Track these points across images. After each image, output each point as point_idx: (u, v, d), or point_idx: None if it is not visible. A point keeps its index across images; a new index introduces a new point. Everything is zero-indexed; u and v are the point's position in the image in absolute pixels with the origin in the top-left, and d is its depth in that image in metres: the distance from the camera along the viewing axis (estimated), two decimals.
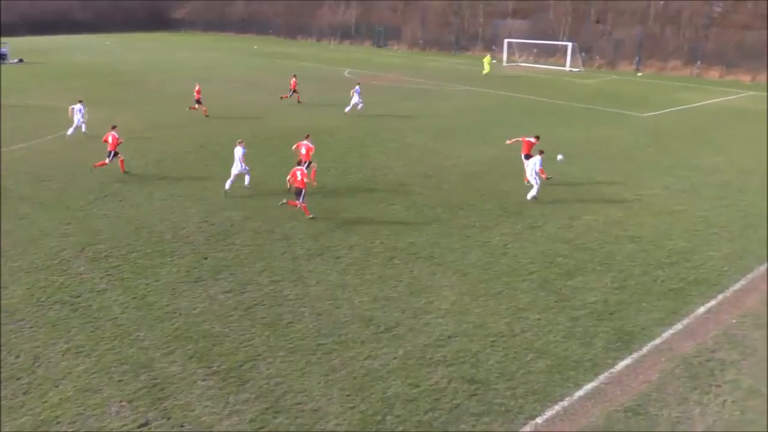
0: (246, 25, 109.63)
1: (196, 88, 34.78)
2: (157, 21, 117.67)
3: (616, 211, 19.55)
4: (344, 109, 34.70)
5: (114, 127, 22.95)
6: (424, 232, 17.55)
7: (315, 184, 20.40)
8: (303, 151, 21.31)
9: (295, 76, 40.40)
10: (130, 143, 27.92)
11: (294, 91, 39.01)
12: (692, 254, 16.35)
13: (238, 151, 20.68)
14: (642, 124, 33.94)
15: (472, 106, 39.00)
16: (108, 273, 14.76)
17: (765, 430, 9.78)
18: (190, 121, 32.85)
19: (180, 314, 12.91)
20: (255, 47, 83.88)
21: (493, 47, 72.94)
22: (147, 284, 14.23)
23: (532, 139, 22.12)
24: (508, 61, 66.20)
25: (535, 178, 20.36)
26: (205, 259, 15.56)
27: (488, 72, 55.95)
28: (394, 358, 11.39)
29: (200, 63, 62.49)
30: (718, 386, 10.80)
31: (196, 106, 34.22)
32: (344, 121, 33.16)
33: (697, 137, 30.95)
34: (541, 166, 20.21)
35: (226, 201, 20.01)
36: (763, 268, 15.62)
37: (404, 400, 10.29)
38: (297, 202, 18.30)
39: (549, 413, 10.05)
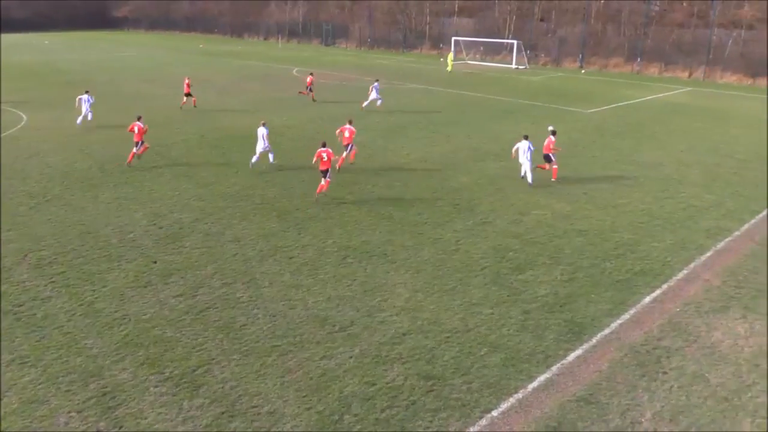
0: (191, 24, 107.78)
1: (186, 81, 35.81)
2: (99, 20, 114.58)
3: (564, 206, 19.94)
4: (361, 104, 35.31)
5: (139, 118, 24.01)
6: (376, 231, 17.56)
7: (353, 161, 23.55)
8: (346, 134, 23.35)
9: (312, 74, 40.61)
10: (73, 143, 27.10)
11: (310, 89, 39.10)
12: (637, 246, 16.80)
13: (262, 131, 23.04)
14: (586, 120, 34.74)
15: (422, 103, 39.25)
16: (52, 280, 14.29)
17: (709, 413, 10.13)
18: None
19: (129, 320, 12.59)
20: (201, 46, 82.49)
21: (441, 45, 73.69)
22: (94, 290, 13.83)
23: (552, 138, 22.59)
24: (455, 59, 66.89)
25: (528, 162, 21.77)
26: (154, 263, 15.22)
27: (451, 70, 56.72)
28: (350, 357, 11.36)
29: (145, 62, 61.10)
30: (665, 373, 11.14)
31: (185, 99, 35.52)
32: (294, 120, 32.94)
33: (639, 132, 31.85)
34: (532, 148, 21.77)
35: (174, 203, 19.64)
36: (704, 257, 16.18)
37: (361, 398, 10.28)
38: (324, 182, 19.81)
39: (504, 406, 10.18)
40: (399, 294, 13.83)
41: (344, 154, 23.57)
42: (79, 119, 30.35)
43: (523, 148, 21.97)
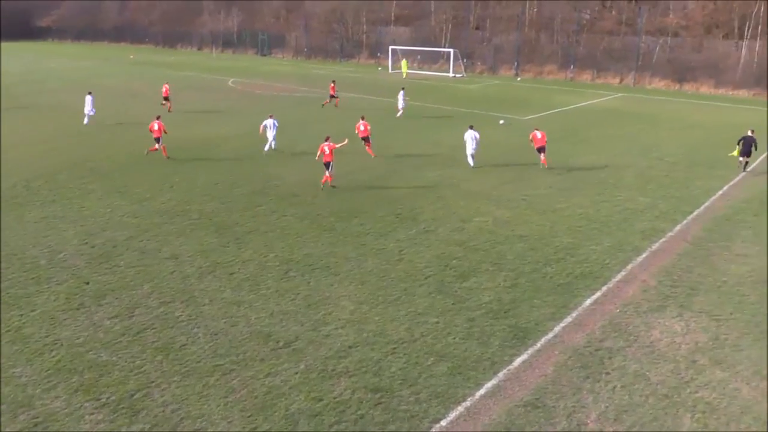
0: (120, 34, 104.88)
1: (164, 87, 38.57)
2: (21, 29, 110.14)
3: (504, 212, 20.29)
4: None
5: (159, 117, 26.43)
6: (319, 243, 17.46)
7: (374, 155, 26.51)
8: (361, 128, 26.89)
9: (334, 81, 42.17)
10: None
11: (333, 96, 40.61)
12: (577, 249, 17.23)
13: (270, 122, 27.19)
14: (523, 126, 35.47)
15: (361, 113, 39.12)
16: None
17: (651, 410, 10.45)
18: (62, 136, 31.00)
19: (61, 345, 12.08)
20: (131, 57, 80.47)
21: (378, 54, 74.10)
22: (21, 315, 13.23)
23: (538, 133, 25.78)
24: (393, 68, 67.37)
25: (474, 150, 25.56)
26: (87, 284, 14.68)
27: (405, 76, 57.66)
28: (296, 373, 11.21)
29: (72, 74, 59.15)
30: (608, 373, 11.44)
31: (164, 102, 38.06)
32: (231, 132, 32.48)
33: (575, 137, 32.80)
34: (477, 137, 25.64)
35: (107, 221, 19.03)
36: (640, 258, 16.74)
37: (308, 415, 10.15)
38: (327, 174, 21.89)
39: (453, 415, 10.24)
40: (343, 306, 13.75)
41: (368, 148, 27.11)
42: (86, 119, 33.65)
43: (469, 136, 25.62)
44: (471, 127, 25.93)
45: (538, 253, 16.92)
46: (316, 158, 22.47)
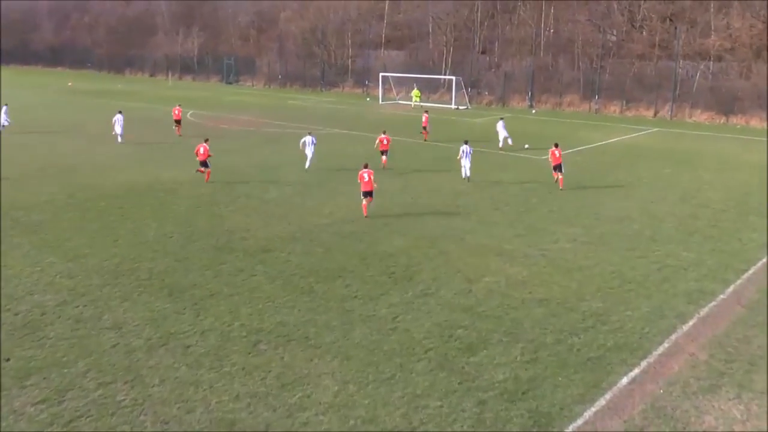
0: (57, 57, 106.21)
1: (176, 110, 45.31)
2: None
3: (519, 270, 20.21)
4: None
5: (207, 140, 31.98)
6: (295, 309, 17.29)
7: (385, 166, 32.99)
8: (384, 142, 34.84)
9: (426, 112, 46.99)
10: None
11: (424, 127, 44.75)
12: (608, 316, 17.09)
13: (309, 139, 34.16)
14: (540, 168, 35.70)
15: (346, 151, 39.68)
16: None
17: None
18: None
19: None
20: (69, 84, 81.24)
21: (367, 82, 75.10)
22: None
23: (556, 151, 31.17)
24: (384, 99, 68.16)
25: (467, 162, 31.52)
26: (8, 360, 14.37)
27: (414, 107, 59.29)
28: None
29: None
30: None
31: (176, 126, 44.99)
32: (189, 174, 32.50)
33: (602, 181, 33.03)
34: (471, 150, 31.90)
35: (34, 283, 18.77)
36: (686, 326, 16.63)
37: None
38: (366, 202, 25.57)
39: None
40: (325, 387, 13.50)
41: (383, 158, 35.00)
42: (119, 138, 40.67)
43: (464, 150, 31.42)
44: (466, 142, 32.30)
45: (562, 320, 16.77)
46: (359, 182, 25.93)
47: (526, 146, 40.11)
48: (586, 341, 15.64)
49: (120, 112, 42.50)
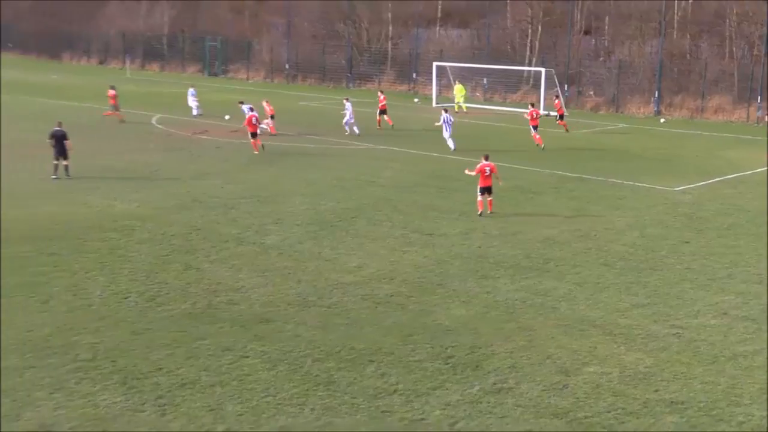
0: None
1: (111, 93, 47.70)
2: None
3: (639, 357, 17.41)
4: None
5: (252, 109, 38.40)
6: (305, 408, 14.79)
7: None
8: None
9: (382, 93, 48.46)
10: None
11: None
12: None
13: (348, 106, 43.35)
14: (672, 203, 31.47)
15: (382, 177, 35.34)
16: None
17: None
18: None
19: None
20: None
21: (414, 75, 67.86)
22: None
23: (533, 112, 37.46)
24: (439, 99, 60.53)
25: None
26: None
27: (465, 108, 54.75)
28: None
29: None
30: None
31: (110, 111, 47.24)
32: (153, 206, 28.68)
33: (761, 227, 28.57)
34: (451, 119, 39.69)
35: None
36: None
37: None
38: (481, 198, 27.84)
39: None
40: None
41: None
42: (195, 111, 47.65)
43: (443, 119, 37.88)
44: (445, 111, 39.37)
45: None
46: (474, 174, 28.34)
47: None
48: None
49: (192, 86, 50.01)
